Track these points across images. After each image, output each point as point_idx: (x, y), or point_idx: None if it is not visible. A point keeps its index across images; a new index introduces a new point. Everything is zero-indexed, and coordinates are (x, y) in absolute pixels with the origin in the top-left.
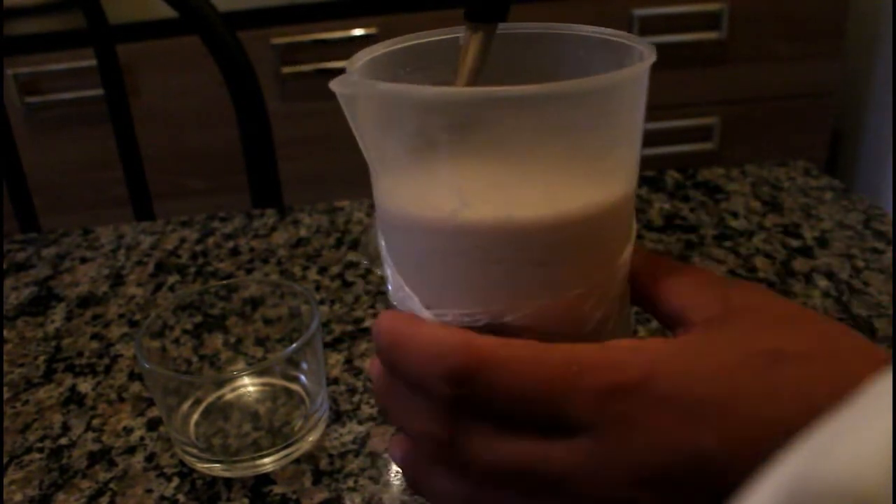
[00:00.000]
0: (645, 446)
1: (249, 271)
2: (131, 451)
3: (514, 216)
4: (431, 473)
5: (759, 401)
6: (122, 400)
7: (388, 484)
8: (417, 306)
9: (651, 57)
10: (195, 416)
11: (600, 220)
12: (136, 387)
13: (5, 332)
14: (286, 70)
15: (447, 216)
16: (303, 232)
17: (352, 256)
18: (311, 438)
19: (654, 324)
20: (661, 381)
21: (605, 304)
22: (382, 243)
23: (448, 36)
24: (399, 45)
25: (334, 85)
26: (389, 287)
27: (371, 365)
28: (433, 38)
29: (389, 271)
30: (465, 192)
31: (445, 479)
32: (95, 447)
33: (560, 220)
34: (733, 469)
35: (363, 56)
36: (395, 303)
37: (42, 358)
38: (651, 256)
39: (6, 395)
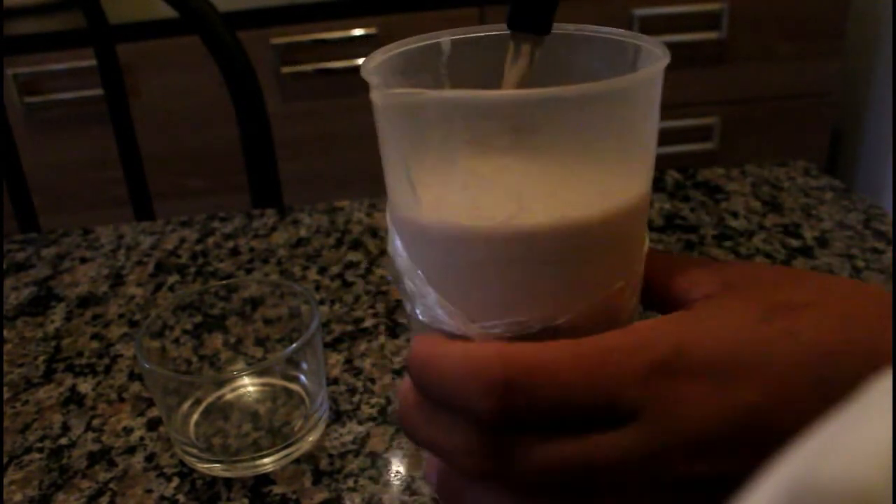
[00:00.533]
0: (692, 417)
1: (249, 271)
2: (131, 451)
3: (568, 216)
4: (474, 492)
5: (785, 349)
6: (122, 400)
7: (388, 484)
8: (459, 322)
9: (666, 55)
10: (195, 416)
11: (640, 210)
12: (135, 387)
13: (5, 332)
14: (286, 70)
15: (501, 223)
16: (303, 232)
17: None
18: (311, 438)
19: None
20: (692, 350)
21: (636, 292)
22: (403, 260)
23: (448, 39)
24: (404, 48)
25: (376, 97)
26: (419, 307)
27: (400, 391)
28: (431, 42)
29: (423, 289)
30: (524, 196)
31: (491, 497)
32: (95, 447)
33: (609, 215)
34: (777, 419)
35: (378, 58)
36: (424, 319)
37: (42, 358)
38: (648, 252)
39: (6, 395)
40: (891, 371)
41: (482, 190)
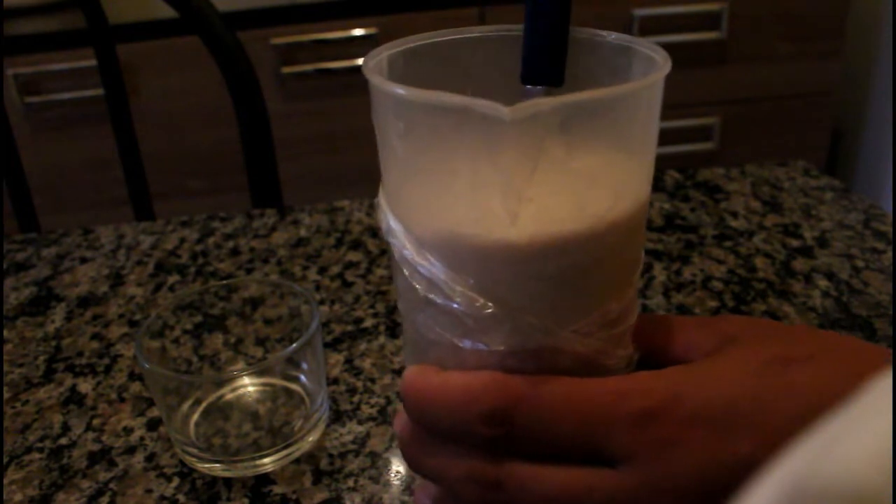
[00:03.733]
0: (686, 465)
1: (249, 271)
2: (131, 451)
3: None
4: None
5: (781, 401)
6: (122, 400)
7: (388, 484)
8: (548, 326)
9: (666, 62)
10: (195, 416)
11: (646, 210)
12: (136, 387)
13: (5, 332)
14: (286, 70)
15: (599, 217)
16: (303, 232)
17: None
18: (311, 438)
19: None
20: (688, 400)
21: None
22: (439, 272)
23: (445, 38)
24: (402, 48)
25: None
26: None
27: (397, 421)
28: (428, 41)
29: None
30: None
31: None
32: (95, 447)
33: (628, 213)
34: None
35: (380, 54)
36: (466, 342)
37: (42, 358)
38: (647, 315)
39: (6, 395)
40: (891, 371)
41: (585, 188)
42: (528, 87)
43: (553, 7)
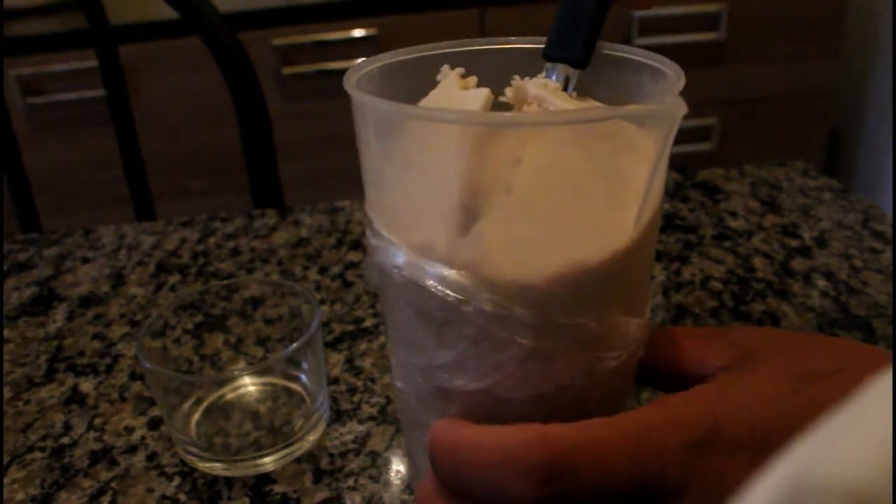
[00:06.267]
0: (735, 492)
1: (250, 271)
2: (132, 450)
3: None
4: None
5: (818, 418)
6: (123, 399)
7: (388, 483)
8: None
9: (680, 77)
10: (196, 416)
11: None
12: (137, 386)
13: (7, 332)
14: (287, 71)
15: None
16: (303, 232)
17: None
18: (311, 438)
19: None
20: (728, 426)
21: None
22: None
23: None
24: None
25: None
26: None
27: (420, 487)
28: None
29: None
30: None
31: None
32: (97, 446)
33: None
34: None
35: (363, 69)
36: (470, 384)
37: (44, 358)
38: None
39: (8, 395)
40: (890, 371)
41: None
42: (549, 63)
43: None
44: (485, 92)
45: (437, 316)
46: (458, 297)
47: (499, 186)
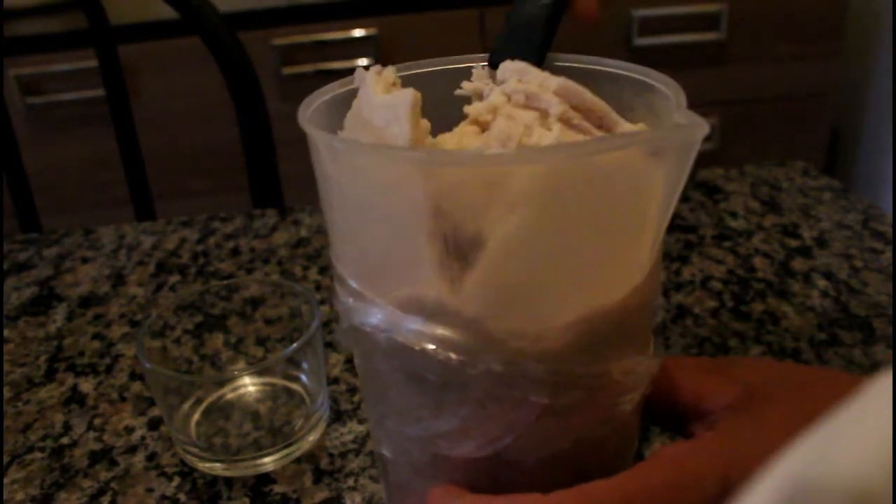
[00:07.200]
0: None
1: (250, 271)
2: (132, 450)
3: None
4: None
5: None
6: (123, 399)
7: None
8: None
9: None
10: (196, 416)
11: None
12: (137, 386)
13: (7, 332)
14: (287, 71)
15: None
16: (303, 232)
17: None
18: (311, 438)
19: None
20: (739, 481)
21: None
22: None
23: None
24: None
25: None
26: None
27: None
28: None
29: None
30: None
31: None
32: (97, 447)
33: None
34: None
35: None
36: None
37: (43, 358)
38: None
39: (8, 395)
40: (890, 371)
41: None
42: (500, 63)
43: None
44: (410, 94)
45: (435, 381)
46: (462, 358)
47: (491, 229)
